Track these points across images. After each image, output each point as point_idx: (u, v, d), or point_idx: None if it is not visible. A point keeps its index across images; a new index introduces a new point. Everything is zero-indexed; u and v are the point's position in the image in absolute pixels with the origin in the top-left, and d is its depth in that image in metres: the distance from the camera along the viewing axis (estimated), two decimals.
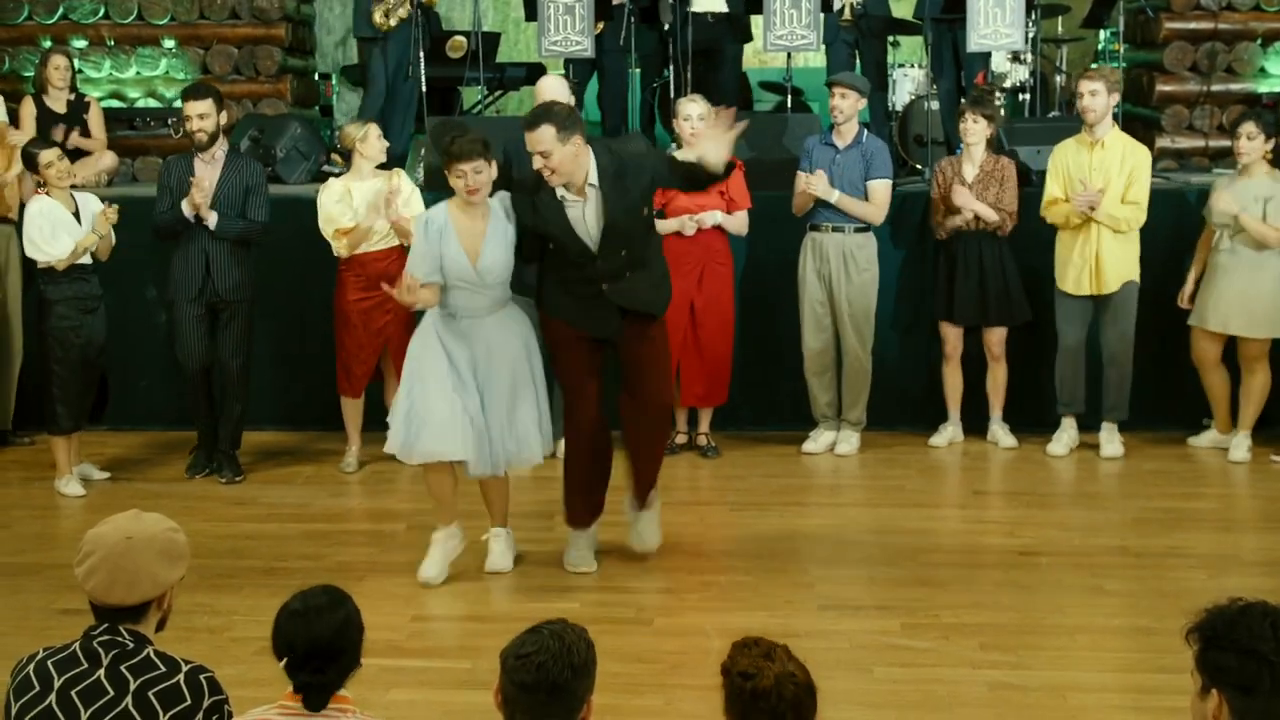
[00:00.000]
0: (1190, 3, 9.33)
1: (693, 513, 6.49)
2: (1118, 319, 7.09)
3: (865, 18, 8.75)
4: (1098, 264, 6.99)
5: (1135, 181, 6.94)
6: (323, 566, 5.72)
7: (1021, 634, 5.01)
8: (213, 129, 6.81)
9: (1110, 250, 6.97)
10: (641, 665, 4.76)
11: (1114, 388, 7.18)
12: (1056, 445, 7.25)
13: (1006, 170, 7.16)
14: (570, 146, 5.14)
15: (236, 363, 6.96)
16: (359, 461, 7.19)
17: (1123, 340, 7.11)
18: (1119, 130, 7.15)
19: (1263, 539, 6.09)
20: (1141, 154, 7.04)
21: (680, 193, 6.90)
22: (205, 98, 6.82)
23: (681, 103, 7.16)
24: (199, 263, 6.80)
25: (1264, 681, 2.45)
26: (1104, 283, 7.01)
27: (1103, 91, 6.92)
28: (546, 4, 8.11)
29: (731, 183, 7.01)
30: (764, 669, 2.58)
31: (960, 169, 7.19)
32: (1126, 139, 7.12)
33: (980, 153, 7.17)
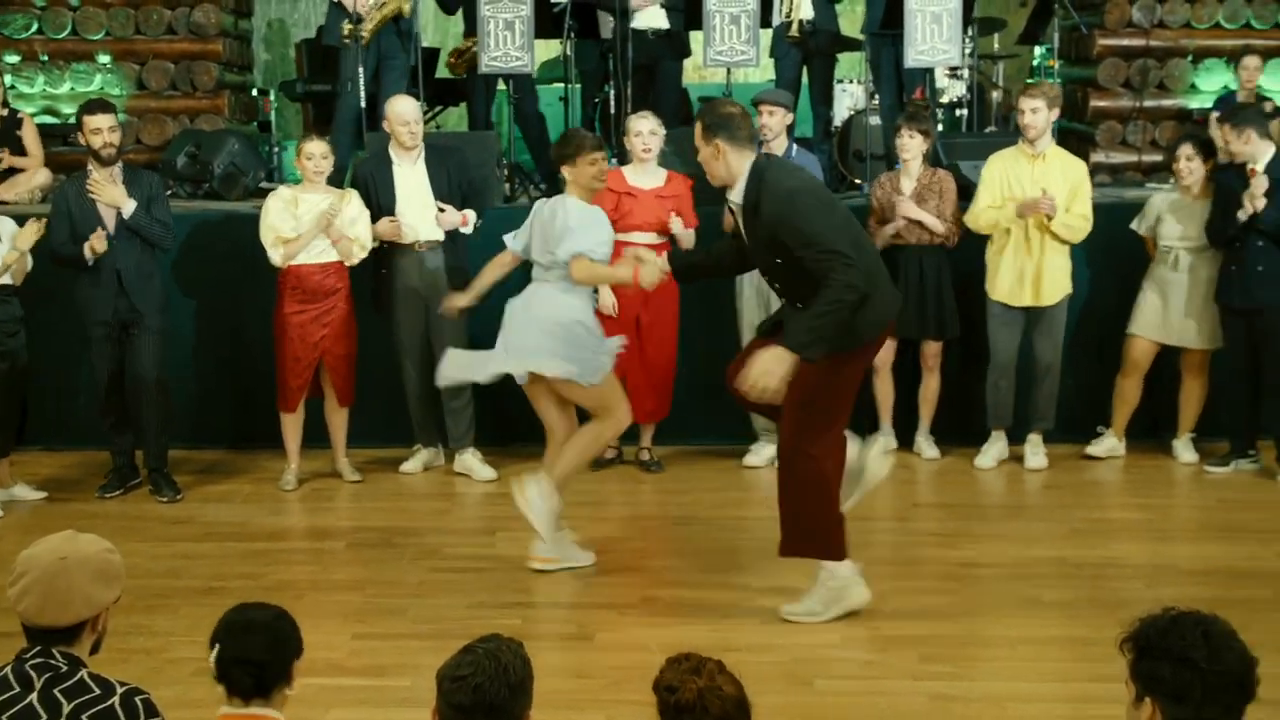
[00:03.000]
0: (1123, 20, 9.48)
1: (635, 526, 6.49)
2: (1052, 330, 7.17)
3: (814, 34, 8.80)
4: (1039, 276, 7.07)
5: (1078, 195, 7.04)
6: (262, 585, 5.66)
7: (961, 645, 5.04)
8: (118, 143, 6.76)
9: (1051, 262, 7.06)
10: (583, 681, 4.74)
11: (1043, 399, 7.26)
12: (984, 459, 7.33)
13: (945, 183, 7.23)
14: (710, 148, 4.98)
15: (153, 376, 6.88)
16: (298, 479, 7.13)
17: (1055, 351, 7.20)
18: (1058, 145, 7.24)
19: (1197, 549, 6.16)
20: (1081, 168, 7.14)
21: (634, 208, 6.93)
22: (110, 111, 6.76)
23: (632, 119, 7.18)
24: (110, 279, 6.74)
25: (1195, 690, 2.48)
26: (1043, 294, 7.09)
27: (1043, 108, 7.01)
28: (486, 20, 8.10)
29: (683, 201, 7.05)
30: (688, 683, 2.59)
31: (898, 184, 7.25)
32: (1065, 154, 7.21)
33: (917, 167, 7.24)
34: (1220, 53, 9.49)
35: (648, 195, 7.00)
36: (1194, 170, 7.07)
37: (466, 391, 7.15)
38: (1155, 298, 7.23)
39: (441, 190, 7.04)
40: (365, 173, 7.13)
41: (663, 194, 7.03)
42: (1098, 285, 7.54)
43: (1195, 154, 7.09)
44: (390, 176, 7.04)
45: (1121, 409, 7.36)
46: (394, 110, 7.07)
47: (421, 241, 7.05)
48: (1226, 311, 7.02)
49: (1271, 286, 6.84)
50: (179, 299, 7.60)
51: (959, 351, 7.50)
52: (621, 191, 7.00)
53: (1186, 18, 9.48)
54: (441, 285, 6.98)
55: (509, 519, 6.55)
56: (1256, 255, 6.85)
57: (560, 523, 5.80)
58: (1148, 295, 7.26)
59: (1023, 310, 7.16)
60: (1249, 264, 6.87)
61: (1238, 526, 6.35)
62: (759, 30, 8.26)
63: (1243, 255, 6.87)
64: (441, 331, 7.00)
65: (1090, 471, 7.24)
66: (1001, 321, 7.21)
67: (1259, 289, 6.86)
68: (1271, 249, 6.81)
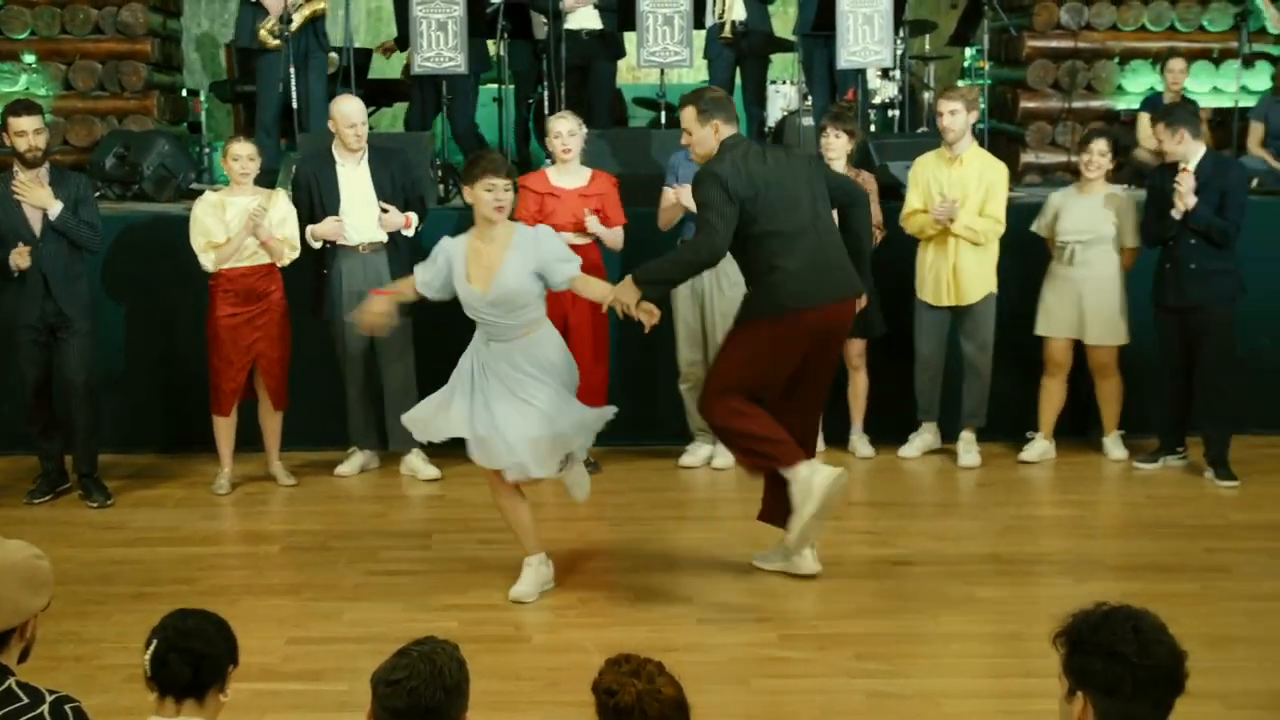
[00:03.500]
0: (1051, 22, 9.60)
1: (571, 528, 6.48)
2: (976, 329, 7.25)
3: (747, 35, 8.84)
4: (956, 276, 7.15)
5: (992, 197, 7.12)
6: (195, 590, 5.61)
7: (896, 643, 5.08)
8: (44, 145, 6.67)
9: (968, 262, 7.13)
10: (520, 682, 4.74)
11: (972, 396, 7.34)
12: (909, 448, 7.45)
13: (868, 184, 7.27)
14: (709, 128, 5.39)
15: (81, 379, 6.79)
16: (231, 483, 7.06)
17: (982, 350, 7.27)
18: (978, 147, 7.31)
19: (1125, 544, 6.25)
20: (999, 170, 7.21)
21: (557, 209, 6.92)
22: (35, 113, 6.67)
23: (552, 120, 7.18)
24: (37, 283, 6.65)
25: (1126, 684, 2.51)
26: (963, 294, 7.17)
27: (962, 110, 7.09)
28: (419, 21, 8.07)
29: (607, 199, 7.04)
30: (628, 686, 2.59)
31: None
32: (985, 155, 7.28)
33: (841, 167, 7.27)
34: (1146, 55, 9.64)
35: (570, 195, 7.00)
36: (1103, 165, 7.18)
37: (414, 394, 7.13)
38: (1053, 295, 7.30)
39: (385, 192, 6.99)
40: (308, 173, 7.06)
41: (586, 193, 7.03)
42: (1030, 286, 7.59)
43: (1108, 149, 7.22)
44: (334, 177, 6.98)
45: (1047, 410, 7.43)
46: (340, 111, 7.01)
47: (365, 243, 7.00)
48: (1161, 310, 7.11)
49: (1204, 284, 6.92)
50: (109, 301, 7.51)
51: (895, 350, 7.55)
52: (544, 192, 7.00)
53: (1113, 20, 9.62)
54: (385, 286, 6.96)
55: (446, 521, 6.56)
56: (1189, 253, 6.92)
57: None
58: (1047, 294, 7.34)
59: (948, 310, 7.24)
60: (1182, 262, 6.94)
61: (1165, 522, 6.44)
62: (692, 31, 8.28)
63: (1176, 254, 6.96)
64: (386, 340, 7.01)
65: (1022, 469, 7.31)
66: (925, 320, 7.31)
67: (1192, 287, 6.93)
68: (1204, 247, 6.90)
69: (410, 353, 7.16)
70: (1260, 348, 7.66)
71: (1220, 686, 4.55)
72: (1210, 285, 6.93)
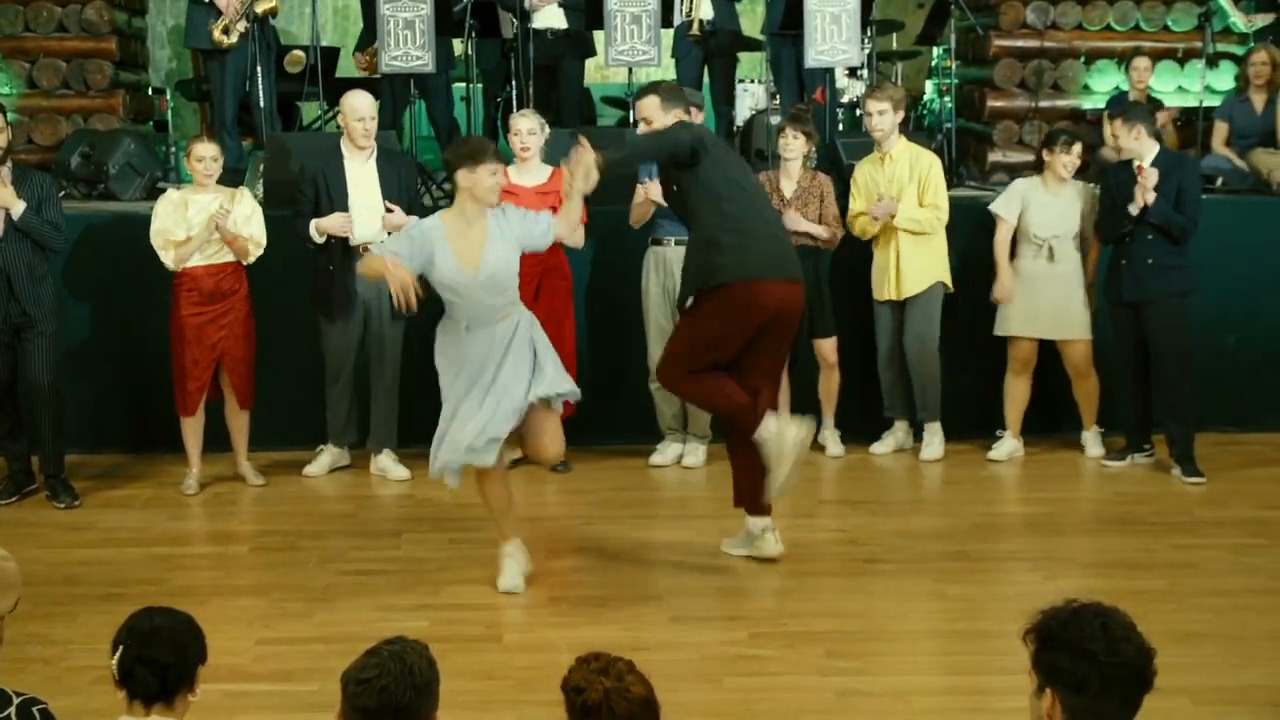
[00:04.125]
0: (1018, 21, 9.65)
1: (542, 527, 6.47)
2: (916, 322, 7.28)
3: (714, 34, 8.85)
4: (898, 269, 7.20)
5: (929, 186, 7.17)
6: (163, 591, 5.57)
7: (866, 640, 5.10)
8: (6, 144, 6.63)
9: (909, 255, 7.17)
10: (492, 682, 4.73)
11: (921, 390, 7.39)
12: (881, 445, 7.50)
13: (825, 186, 7.29)
14: (670, 117, 5.67)
15: (46, 379, 6.75)
16: (200, 483, 7.02)
17: (920, 343, 7.29)
18: (906, 141, 7.32)
19: (1095, 540, 6.29)
20: (928, 160, 7.25)
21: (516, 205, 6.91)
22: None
23: (513, 118, 7.19)
24: (0, 283, 6.60)
25: (1093, 681, 2.52)
26: (903, 288, 7.21)
27: (889, 110, 7.15)
28: (386, 20, 8.04)
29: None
30: (595, 684, 2.59)
31: (778, 183, 7.31)
32: (913, 148, 7.32)
33: (797, 168, 7.29)
34: (1111, 54, 9.70)
35: (529, 193, 7.00)
36: (1073, 164, 7.25)
37: (395, 394, 7.12)
38: (1024, 293, 7.30)
39: (390, 193, 6.94)
40: (315, 168, 6.97)
41: (544, 190, 7.03)
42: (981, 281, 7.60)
43: (1083, 151, 7.32)
44: (342, 173, 6.93)
45: (1013, 409, 7.46)
46: (350, 105, 6.98)
47: (365, 243, 6.94)
48: (1116, 306, 7.15)
49: (1160, 279, 6.97)
50: (74, 302, 7.46)
51: (864, 348, 7.57)
52: (502, 190, 6.98)
53: (1079, 20, 9.67)
54: (383, 290, 6.92)
55: (416, 521, 6.55)
56: (1146, 249, 6.97)
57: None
58: (1017, 291, 7.32)
59: (898, 304, 7.28)
60: (1137, 257, 6.99)
61: (1133, 519, 6.48)
62: (660, 30, 8.29)
63: (1132, 250, 7.01)
64: (381, 338, 7.02)
65: (992, 467, 7.34)
66: (880, 318, 7.41)
67: (1149, 281, 6.97)
68: (1160, 242, 6.95)
69: (399, 353, 7.14)
70: (1225, 346, 7.72)
71: (1188, 682, 4.58)
72: (1166, 280, 6.98)
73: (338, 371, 7.16)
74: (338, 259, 6.94)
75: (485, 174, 5.38)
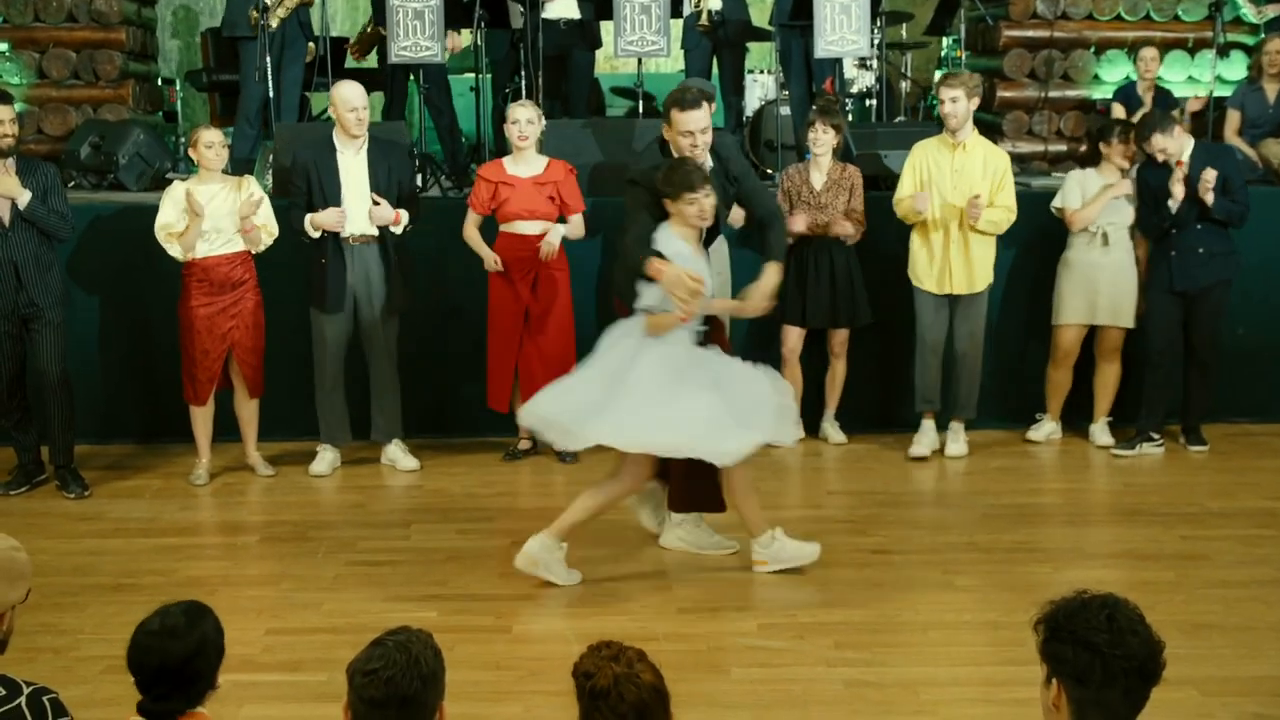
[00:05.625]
0: (1028, 11, 9.61)
1: (550, 517, 6.46)
2: (969, 319, 7.26)
3: (724, 25, 8.83)
4: (968, 264, 7.15)
5: (1003, 187, 7.14)
6: (173, 581, 5.60)
7: (875, 631, 5.10)
8: (17, 134, 6.63)
9: (975, 253, 7.14)
10: (501, 672, 4.74)
11: (963, 387, 7.35)
12: (918, 448, 7.34)
13: (855, 178, 7.29)
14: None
15: (55, 370, 6.76)
16: (209, 473, 7.04)
17: (973, 340, 7.29)
18: (979, 135, 7.31)
19: (1105, 531, 6.28)
20: (1003, 160, 7.23)
21: (512, 197, 6.92)
22: (8, 102, 6.64)
23: (512, 108, 7.17)
24: (8, 274, 6.62)
25: (1096, 673, 2.53)
26: (969, 282, 7.17)
27: (963, 97, 7.09)
28: (395, 10, 8.04)
29: (564, 186, 7.04)
30: (605, 669, 2.60)
31: (808, 176, 7.30)
32: (987, 144, 7.29)
33: (828, 162, 7.28)
34: (1122, 44, 9.66)
35: (525, 183, 7.00)
36: (1131, 154, 7.33)
37: (397, 386, 7.12)
38: (1081, 281, 7.37)
39: (380, 184, 6.92)
40: (306, 160, 6.92)
41: (540, 181, 7.02)
42: (1014, 274, 7.64)
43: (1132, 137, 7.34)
44: (334, 165, 6.91)
45: (1055, 396, 7.54)
46: (341, 95, 6.93)
47: (355, 235, 6.94)
48: (1161, 295, 7.21)
49: (1211, 267, 7.15)
50: (82, 293, 7.48)
51: (876, 339, 7.57)
52: (498, 181, 7.00)
53: (1089, 10, 9.63)
54: (374, 282, 6.95)
55: (424, 511, 6.55)
56: (1196, 239, 7.12)
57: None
58: (1073, 281, 7.40)
59: (945, 298, 7.24)
60: (1187, 248, 7.12)
61: (1142, 510, 6.47)
62: (669, 21, 8.27)
63: (1183, 240, 7.12)
64: (374, 330, 7.01)
65: (1000, 457, 7.34)
66: (928, 308, 7.27)
67: (1201, 270, 7.14)
68: (1210, 230, 7.12)
69: (396, 345, 7.14)
70: (1234, 336, 7.71)
71: (1196, 674, 4.58)
72: (1217, 267, 7.17)
73: (328, 368, 7.09)
74: (330, 253, 6.93)
75: (685, 206, 5.39)
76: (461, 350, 7.55)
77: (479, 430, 7.58)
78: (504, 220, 7.04)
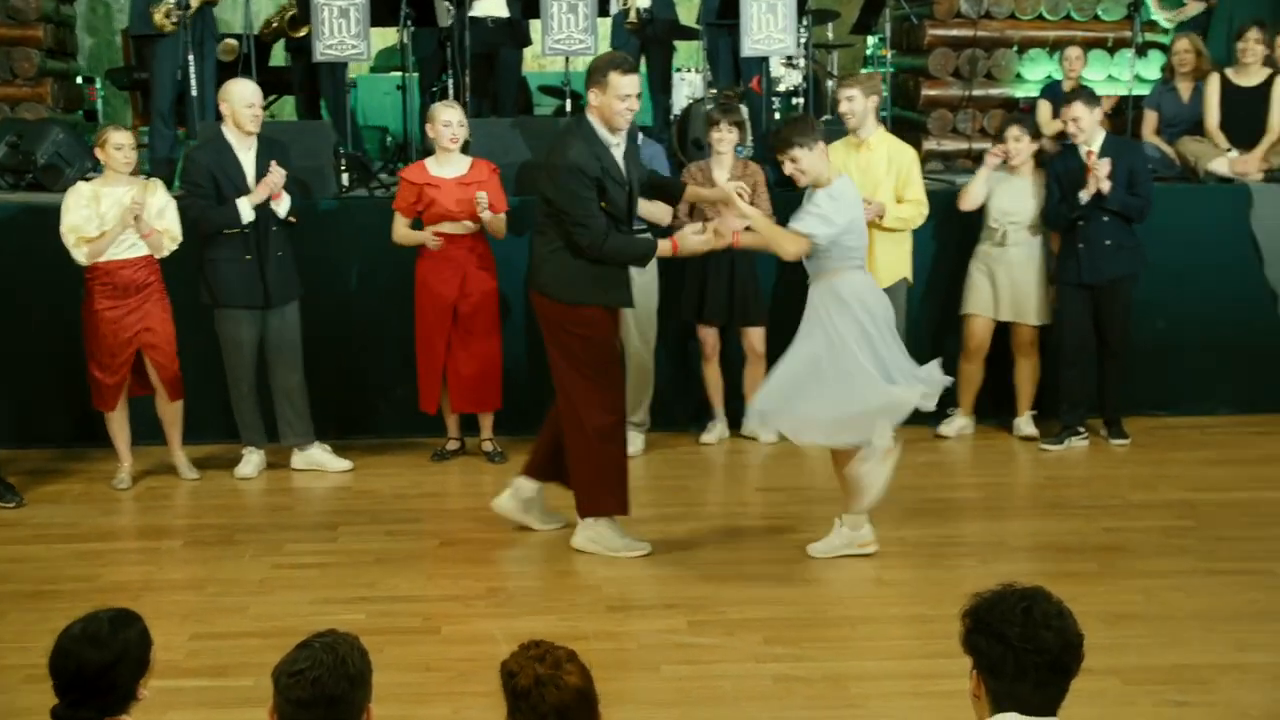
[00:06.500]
0: (952, 11, 9.71)
1: (479, 518, 6.46)
2: None
3: (651, 23, 8.83)
4: (872, 263, 7.19)
5: (910, 181, 7.21)
6: (95, 587, 5.52)
7: (804, 627, 5.13)
8: None
9: (883, 249, 7.20)
10: (429, 674, 4.72)
11: None
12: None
13: (758, 176, 7.31)
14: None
15: None
16: (132, 477, 6.94)
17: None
18: (884, 131, 7.38)
19: (1029, 524, 6.35)
20: (908, 154, 7.30)
21: (438, 198, 6.89)
22: None
23: (440, 108, 7.12)
24: None
25: (1008, 665, 2.56)
26: (879, 278, 7.22)
27: (859, 96, 7.16)
28: (321, 8, 7.97)
29: (489, 186, 7.02)
30: (528, 668, 2.59)
31: (710, 173, 7.32)
32: (892, 139, 7.36)
33: (730, 160, 7.31)
34: (1043, 43, 9.79)
35: (451, 184, 6.98)
36: (1023, 150, 7.37)
37: (303, 389, 7.05)
38: (983, 276, 7.49)
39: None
40: (207, 161, 6.82)
41: (465, 181, 7.00)
42: (933, 269, 7.71)
43: (1023, 134, 7.41)
44: (236, 161, 6.82)
45: (967, 390, 7.58)
46: (237, 93, 6.84)
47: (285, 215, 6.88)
48: (1071, 288, 7.30)
49: (1117, 259, 7.24)
50: (0, 295, 7.34)
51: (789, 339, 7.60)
52: (423, 183, 6.97)
53: (1011, 9, 9.74)
54: (274, 278, 6.86)
55: (353, 513, 6.51)
56: (1103, 231, 7.20)
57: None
58: (975, 274, 7.52)
59: None
60: (1094, 240, 7.21)
61: (1066, 503, 6.56)
62: (597, 19, 8.26)
63: (1089, 233, 7.21)
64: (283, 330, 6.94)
65: (927, 452, 7.40)
66: None
67: (1107, 263, 7.22)
68: (1116, 223, 7.20)
69: (301, 343, 7.06)
70: (1154, 331, 7.83)
71: (1118, 663, 4.66)
72: (1123, 261, 7.25)
73: (244, 370, 6.99)
74: (254, 246, 6.83)
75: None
76: (390, 351, 7.51)
77: (409, 431, 7.53)
78: (431, 222, 7.00)
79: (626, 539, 5.92)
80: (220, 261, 6.85)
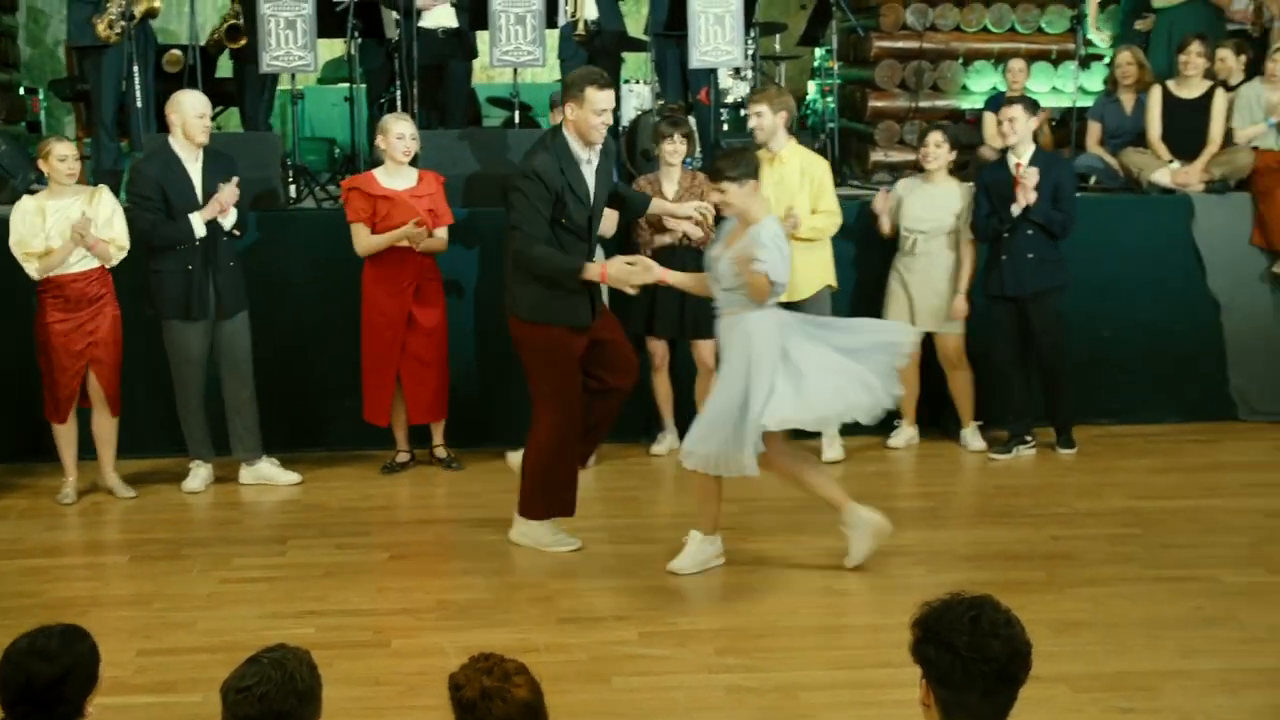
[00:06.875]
0: (898, 23, 9.79)
1: (429, 530, 6.44)
2: None
3: (599, 34, 8.85)
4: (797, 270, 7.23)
5: (823, 192, 7.27)
6: (40, 603, 5.45)
7: (756, 637, 5.14)
8: None
9: (803, 259, 7.21)
10: (380, 688, 4.69)
11: None
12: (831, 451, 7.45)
13: (704, 186, 7.33)
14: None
15: None
16: (78, 492, 6.86)
17: None
18: (796, 144, 7.38)
19: (978, 533, 6.38)
20: (820, 166, 7.35)
21: (392, 211, 6.88)
22: None
23: (392, 120, 7.10)
24: None
25: (955, 673, 2.57)
26: (799, 288, 7.27)
27: (767, 111, 7.20)
28: (267, 19, 7.92)
29: (436, 199, 7.03)
30: (475, 681, 2.58)
31: (660, 186, 7.34)
32: (804, 151, 7.40)
33: (679, 171, 7.34)
34: (988, 55, 9.89)
35: (403, 196, 6.97)
36: (940, 157, 7.45)
37: (254, 403, 7.00)
38: (899, 286, 7.54)
39: (210, 193, 6.79)
40: (154, 174, 6.74)
41: (417, 193, 7.01)
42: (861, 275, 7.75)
43: (944, 141, 7.49)
44: (185, 173, 6.75)
45: (908, 400, 7.58)
46: (187, 103, 6.78)
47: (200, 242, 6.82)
48: (996, 300, 7.34)
49: (1040, 273, 7.26)
50: None
51: None
52: (377, 195, 6.95)
53: (956, 22, 9.84)
54: (224, 289, 6.81)
55: (301, 527, 6.46)
56: (1027, 244, 7.23)
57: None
58: (893, 284, 7.58)
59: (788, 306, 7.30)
60: (1018, 254, 7.24)
61: (1014, 512, 6.60)
62: (545, 31, 8.27)
63: (1013, 246, 7.24)
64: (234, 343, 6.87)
65: (877, 463, 7.44)
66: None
67: (1030, 276, 7.25)
68: (1039, 238, 7.23)
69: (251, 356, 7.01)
70: (1099, 341, 7.91)
71: (1066, 670, 4.69)
72: (1046, 275, 7.29)
73: (193, 382, 6.93)
74: (198, 260, 6.76)
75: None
76: (339, 363, 7.46)
77: (357, 443, 7.49)
78: (381, 233, 6.97)
79: (558, 535, 6.05)
80: (165, 274, 6.78)
